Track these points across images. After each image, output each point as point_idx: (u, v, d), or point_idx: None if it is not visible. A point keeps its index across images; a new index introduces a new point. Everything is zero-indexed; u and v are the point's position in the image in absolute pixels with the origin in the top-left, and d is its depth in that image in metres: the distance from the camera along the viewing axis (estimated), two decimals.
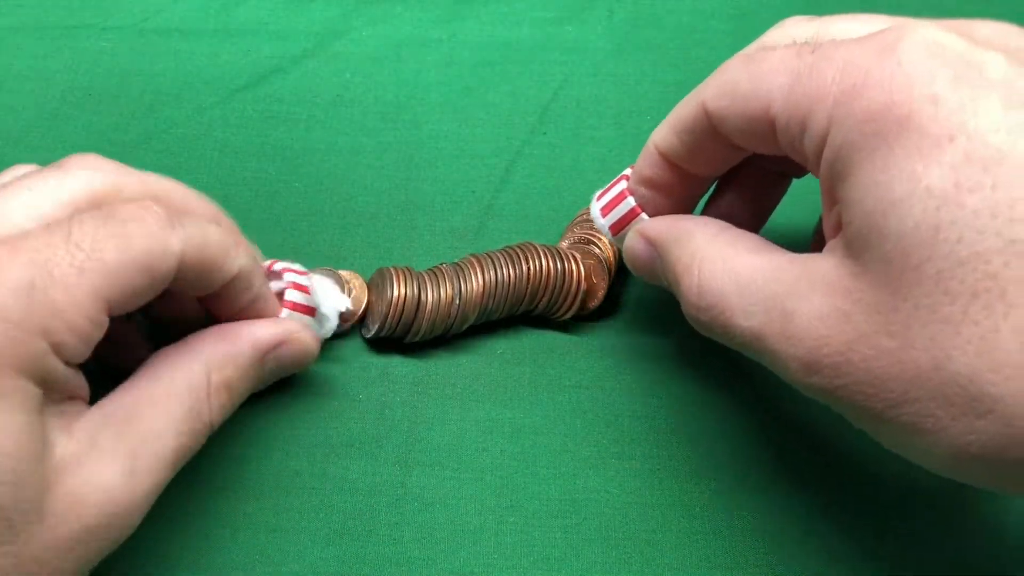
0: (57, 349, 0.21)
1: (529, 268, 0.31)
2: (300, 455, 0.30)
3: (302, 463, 0.30)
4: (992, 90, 0.19)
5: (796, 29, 0.26)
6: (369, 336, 0.32)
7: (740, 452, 0.31)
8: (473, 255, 0.32)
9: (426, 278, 0.31)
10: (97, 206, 0.24)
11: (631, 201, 0.29)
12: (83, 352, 0.22)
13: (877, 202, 0.20)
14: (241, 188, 0.36)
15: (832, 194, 0.22)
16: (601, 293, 0.32)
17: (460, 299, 0.31)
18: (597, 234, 0.33)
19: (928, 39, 0.20)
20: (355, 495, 0.30)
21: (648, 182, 0.28)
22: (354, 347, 0.32)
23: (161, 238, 0.23)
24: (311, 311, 0.29)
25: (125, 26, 0.40)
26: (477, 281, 0.31)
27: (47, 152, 0.37)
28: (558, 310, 0.32)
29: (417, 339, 0.31)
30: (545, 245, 0.32)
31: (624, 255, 0.29)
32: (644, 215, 0.29)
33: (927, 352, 0.19)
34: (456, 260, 0.32)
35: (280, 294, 0.28)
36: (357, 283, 0.33)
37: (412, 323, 0.31)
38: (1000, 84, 0.19)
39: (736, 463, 0.31)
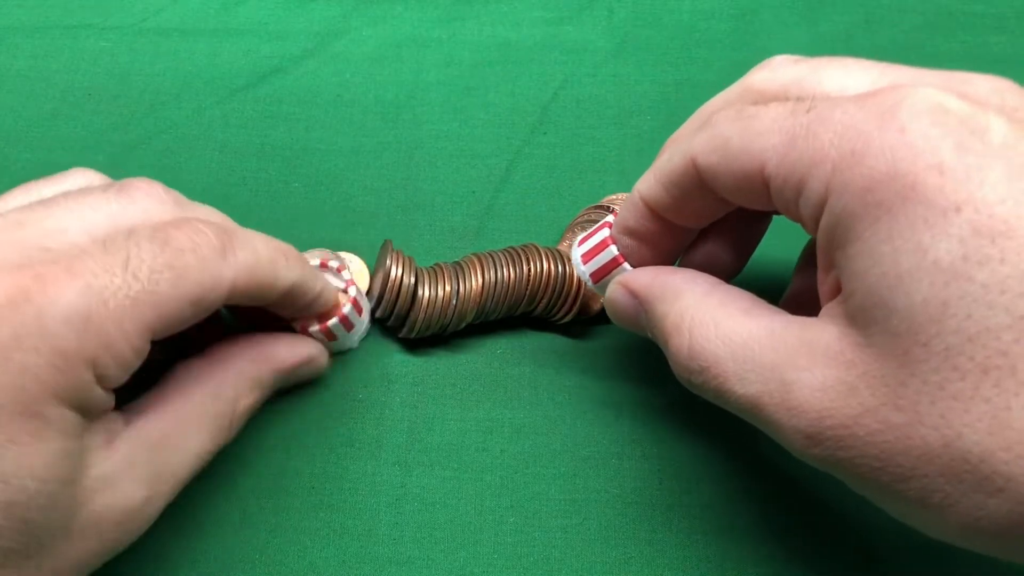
0: (100, 379, 0.21)
1: (529, 270, 0.31)
2: (300, 455, 0.30)
3: (302, 463, 0.30)
4: (996, 158, 0.19)
5: (784, 71, 0.25)
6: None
7: (741, 452, 0.31)
8: (474, 254, 0.32)
9: (425, 274, 0.31)
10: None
11: (613, 250, 0.28)
12: (123, 379, 0.22)
13: (882, 275, 0.19)
14: (241, 188, 0.36)
15: (830, 259, 0.21)
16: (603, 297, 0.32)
17: (457, 298, 0.31)
18: None
19: (930, 102, 0.20)
20: (355, 495, 0.30)
21: (632, 232, 0.27)
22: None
23: (215, 270, 0.23)
24: (352, 327, 0.30)
25: (125, 26, 0.40)
26: (476, 280, 0.31)
27: (47, 152, 0.37)
28: (557, 312, 0.32)
29: (413, 335, 0.31)
30: (548, 247, 0.32)
31: (606, 305, 0.28)
32: (627, 265, 0.28)
33: (936, 429, 0.19)
34: (457, 259, 0.32)
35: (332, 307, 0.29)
36: (356, 266, 0.33)
37: (408, 315, 0.31)
38: (1003, 150, 0.19)
39: (737, 463, 0.31)
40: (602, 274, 0.29)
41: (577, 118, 0.38)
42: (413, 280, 0.31)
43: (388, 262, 0.31)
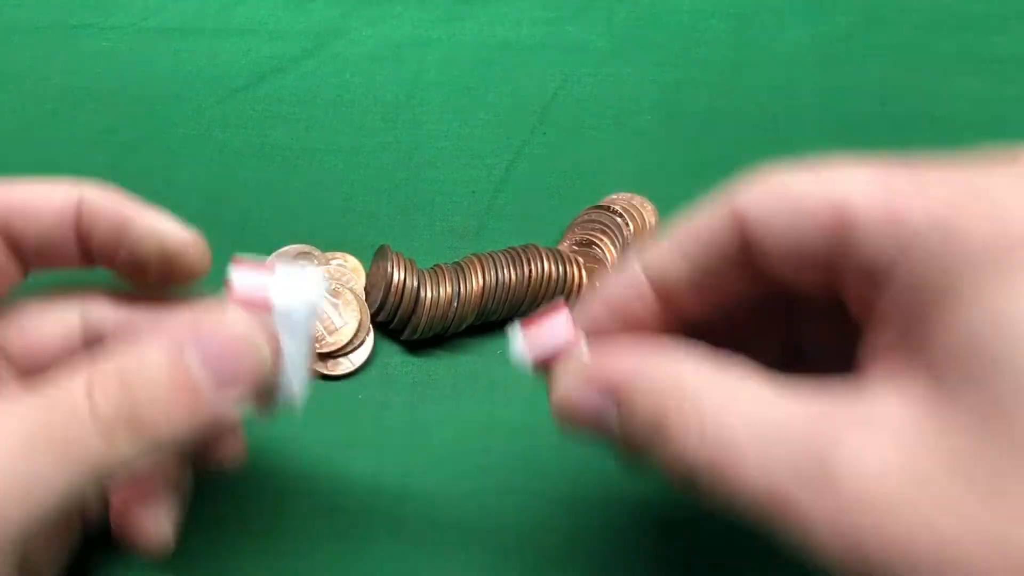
0: None
1: (530, 271, 0.31)
2: (300, 455, 0.30)
3: (302, 463, 0.30)
4: None
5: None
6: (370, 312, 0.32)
7: None
8: (475, 255, 0.32)
9: (426, 276, 0.31)
10: None
11: (565, 326, 0.21)
12: None
13: (997, 340, 0.15)
14: (241, 188, 0.36)
15: (906, 320, 0.17)
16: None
17: (458, 300, 0.31)
18: (599, 235, 0.33)
19: None
20: (355, 495, 0.30)
21: (617, 314, 0.21)
22: None
23: None
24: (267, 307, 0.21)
25: (125, 26, 0.40)
26: (476, 282, 0.31)
27: (47, 152, 0.37)
28: None
29: (416, 336, 0.31)
30: (548, 248, 0.32)
31: (556, 404, 0.21)
32: (583, 348, 0.21)
33: None
34: (457, 260, 0.32)
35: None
36: (351, 264, 0.33)
37: (410, 318, 0.31)
38: None
39: None
40: (547, 357, 0.22)
41: (577, 118, 0.38)
42: (415, 283, 0.31)
43: (390, 267, 0.31)
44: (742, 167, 0.39)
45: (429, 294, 0.31)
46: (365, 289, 0.33)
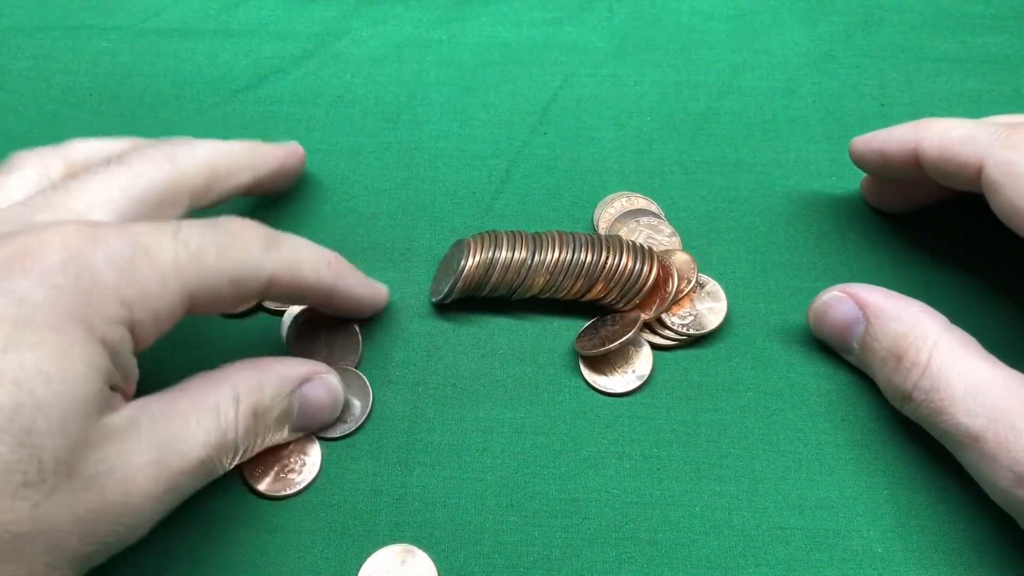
0: (132, 326, 0.23)
1: (607, 259, 0.31)
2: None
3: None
4: None
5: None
6: (436, 300, 0.33)
7: (740, 452, 0.31)
8: (557, 231, 0.32)
9: (503, 238, 0.32)
10: (163, 197, 0.27)
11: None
12: (150, 336, 0.24)
13: None
14: None
15: None
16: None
17: (533, 259, 0.31)
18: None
19: None
20: (355, 495, 0.30)
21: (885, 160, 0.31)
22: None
23: (257, 259, 0.25)
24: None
25: (125, 26, 0.40)
26: (551, 254, 0.31)
27: None
28: (620, 303, 0.32)
29: (483, 294, 0.32)
30: (632, 241, 0.32)
31: (816, 308, 0.30)
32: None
33: None
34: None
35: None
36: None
37: (485, 281, 0.32)
38: None
39: (735, 463, 0.31)
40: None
41: (577, 118, 0.38)
42: (491, 255, 0.32)
43: (466, 253, 0.32)
44: (741, 167, 0.40)
45: (503, 256, 0.31)
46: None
